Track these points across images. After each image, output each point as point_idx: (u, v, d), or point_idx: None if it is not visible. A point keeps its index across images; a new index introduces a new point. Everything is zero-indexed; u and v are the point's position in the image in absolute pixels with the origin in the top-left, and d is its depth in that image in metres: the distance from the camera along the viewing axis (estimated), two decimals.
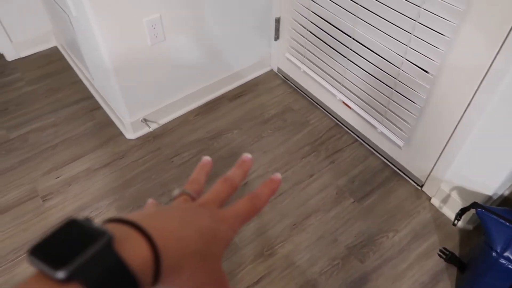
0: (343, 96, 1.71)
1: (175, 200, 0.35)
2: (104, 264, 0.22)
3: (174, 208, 0.31)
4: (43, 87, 2.00)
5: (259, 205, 0.35)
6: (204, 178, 0.39)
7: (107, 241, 0.23)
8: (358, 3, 1.39)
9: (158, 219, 0.28)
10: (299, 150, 1.71)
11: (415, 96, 1.38)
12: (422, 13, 1.21)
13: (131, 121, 1.71)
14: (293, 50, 1.87)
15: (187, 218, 0.29)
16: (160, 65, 1.64)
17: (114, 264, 0.23)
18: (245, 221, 0.34)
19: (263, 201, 0.35)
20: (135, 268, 0.23)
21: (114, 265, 0.23)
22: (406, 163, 1.59)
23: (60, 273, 0.21)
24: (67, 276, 0.21)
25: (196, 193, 0.36)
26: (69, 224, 0.24)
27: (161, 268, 0.25)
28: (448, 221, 1.48)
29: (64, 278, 0.21)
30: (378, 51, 1.42)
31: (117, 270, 0.23)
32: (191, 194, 0.36)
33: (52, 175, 1.62)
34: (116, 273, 0.23)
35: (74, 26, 1.62)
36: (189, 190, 0.36)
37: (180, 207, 0.33)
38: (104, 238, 0.23)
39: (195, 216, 0.30)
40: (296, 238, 1.43)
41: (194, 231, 0.28)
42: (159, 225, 0.26)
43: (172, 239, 0.26)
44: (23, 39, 2.13)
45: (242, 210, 0.34)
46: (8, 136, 1.77)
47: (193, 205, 0.34)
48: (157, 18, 1.49)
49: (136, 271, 0.23)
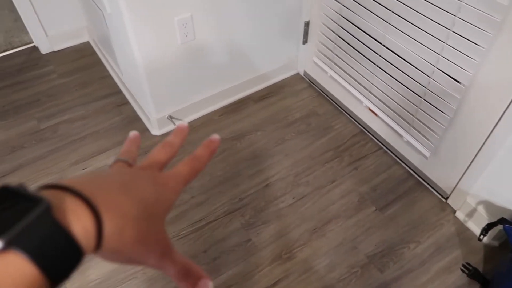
0: (369, 102, 1.69)
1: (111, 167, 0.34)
2: (44, 232, 0.22)
3: (113, 173, 0.31)
4: (74, 80, 2.06)
5: (199, 167, 0.35)
6: (136, 150, 0.38)
7: (46, 208, 0.22)
8: (390, 9, 1.38)
9: (98, 184, 0.27)
10: (322, 155, 1.70)
11: (445, 106, 1.35)
12: (457, 22, 1.18)
13: (157, 118, 1.74)
14: (321, 54, 1.86)
15: (127, 182, 0.29)
16: (189, 64, 1.67)
17: (55, 232, 0.22)
18: (186, 183, 0.34)
19: (203, 162, 0.36)
20: (78, 235, 0.23)
21: (55, 232, 0.22)
22: (432, 174, 1.56)
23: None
24: (4, 245, 0.20)
25: (132, 160, 0.35)
26: (2, 191, 0.22)
27: (103, 234, 0.24)
28: (473, 235, 1.44)
29: (1, 247, 0.20)
30: (408, 58, 1.40)
31: (58, 237, 0.22)
32: (128, 160, 0.35)
33: (79, 166, 1.66)
34: (57, 241, 0.22)
35: (108, 22, 1.66)
36: (124, 157, 0.35)
37: (120, 171, 0.32)
38: (42, 205, 0.22)
39: (136, 180, 0.30)
40: (316, 243, 1.42)
41: (135, 195, 0.28)
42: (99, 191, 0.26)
43: (113, 205, 0.26)
44: (57, 33, 2.19)
45: (182, 172, 0.34)
46: (39, 126, 1.83)
47: (133, 169, 0.33)
48: (188, 17, 1.51)
49: (78, 238, 0.23)
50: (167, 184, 0.32)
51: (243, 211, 1.51)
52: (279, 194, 1.56)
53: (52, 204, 0.23)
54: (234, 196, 1.56)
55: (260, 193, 1.57)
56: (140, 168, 0.34)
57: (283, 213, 1.51)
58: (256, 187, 1.58)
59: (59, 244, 0.22)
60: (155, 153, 0.36)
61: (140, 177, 0.30)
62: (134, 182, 0.29)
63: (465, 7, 1.15)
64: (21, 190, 0.23)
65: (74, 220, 0.23)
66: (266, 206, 1.53)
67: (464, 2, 1.14)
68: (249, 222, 1.48)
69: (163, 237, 0.30)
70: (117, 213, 0.26)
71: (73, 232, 0.23)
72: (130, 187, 0.28)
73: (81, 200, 0.24)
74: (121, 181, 0.29)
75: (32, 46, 2.25)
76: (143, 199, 0.28)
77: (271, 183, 1.60)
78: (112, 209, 0.25)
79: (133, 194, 0.28)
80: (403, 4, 1.32)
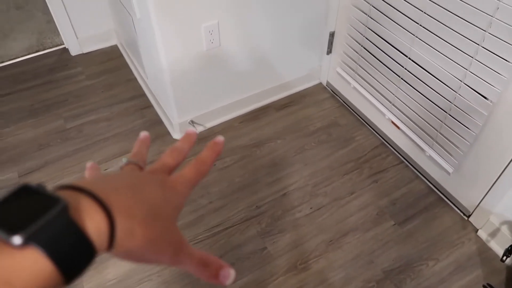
0: (392, 115, 1.67)
1: (122, 169, 0.36)
2: (60, 230, 0.23)
3: (124, 176, 0.32)
4: (101, 82, 2.11)
5: (204, 170, 0.36)
6: (145, 151, 0.40)
7: (63, 208, 0.23)
8: (418, 22, 1.37)
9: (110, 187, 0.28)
10: (342, 166, 1.69)
11: (471, 123, 1.32)
12: (487, 37, 1.16)
13: (179, 122, 1.76)
14: (344, 65, 1.86)
15: (137, 186, 0.30)
16: (213, 70, 1.69)
17: (70, 230, 0.23)
18: (193, 185, 0.35)
19: (208, 165, 0.37)
20: (91, 234, 0.24)
21: (70, 231, 0.23)
22: (454, 191, 1.53)
23: (17, 238, 0.21)
24: (24, 241, 0.21)
25: (142, 162, 0.37)
26: (22, 189, 0.24)
27: (116, 235, 0.26)
28: (495, 256, 1.40)
29: (20, 243, 0.21)
30: (434, 73, 1.38)
31: (73, 236, 0.23)
32: (138, 163, 0.37)
33: (102, 167, 1.69)
34: (72, 239, 0.23)
35: (136, 27, 1.70)
36: (135, 159, 0.37)
37: (131, 174, 0.33)
38: (59, 205, 0.23)
39: (145, 184, 0.31)
40: (332, 254, 1.41)
41: (144, 198, 0.29)
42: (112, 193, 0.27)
43: (124, 207, 0.27)
44: (87, 35, 2.26)
45: (188, 176, 0.35)
46: (65, 125, 1.88)
47: (143, 173, 0.35)
48: (215, 24, 1.53)
49: (92, 237, 0.24)
50: (175, 188, 0.33)
51: (260, 218, 1.51)
52: (296, 203, 1.56)
53: (69, 204, 0.24)
54: (252, 203, 1.56)
55: (278, 201, 1.56)
56: (149, 171, 0.35)
57: (300, 222, 1.50)
58: (274, 195, 1.58)
59: (74, 242, 0.23)
60: (165, 157, 0.37)
61: (149, 181, 0.32)
62: (144, 185, 0.31)
63: (496, 22, 1.13)
64: (40, 189, 0.24)
65: (88, 220, 0.24)
66: (283, 214, 1.52)
67: (496, 17, 1.12)
68: (266, 230, 1.47)
69: (174, 236, 0.31)
70: (128, 215, 0.27)
71: (87, 231, 0.24)
72: (139, 191, 0.30)
73: (95, 202, 0.25)
74: (132, 184, 0.30)
75: (63, 47, 2.32)
76: (152, 202, 0.30)
77: (289, 192, 1.59)
78: (123, 211, 0.27)
79: (142, 197, 0.29)
80: (431, 18, 1.31)
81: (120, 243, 0.26)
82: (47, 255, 0.22)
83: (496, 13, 1.12)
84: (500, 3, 1.10)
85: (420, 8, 1.34)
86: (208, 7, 1.48)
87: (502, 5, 1.09)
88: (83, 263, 0.24)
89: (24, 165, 1.71)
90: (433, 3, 1.28)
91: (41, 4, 2.16)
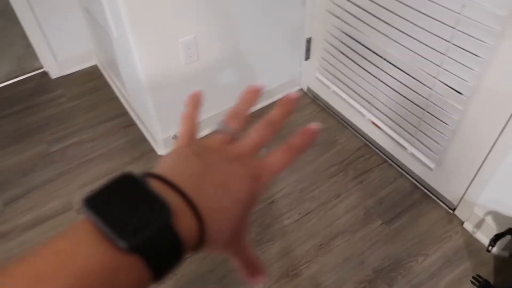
0: (372, 116, 1.70)
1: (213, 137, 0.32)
2: (164, 240, 0.23)
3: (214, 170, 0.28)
4: (83, 103, 2.11)
5: (293, 159, 0.31)
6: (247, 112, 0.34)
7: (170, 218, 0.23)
8: (391, 24, 1.40)
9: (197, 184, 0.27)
10: (327, 169, 1.70)
11: (447, 118, 1.35)
12: (456, 34, 1.20)
13: (163, 138, 1.77)
14: (323, 70, 1.88)
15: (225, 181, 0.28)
16: (193, 83, 1.70)
17: (172, 240, 0.23)
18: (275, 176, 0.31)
19: (298, 153, 0.32)
20: (184, 239, 0.24)
21: (171, 240, 0.23)
22: (437, 186, 1.55)
23: (124, 243, 0.21)
24: (129, 248, 0.21)
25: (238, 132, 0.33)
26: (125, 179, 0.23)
27: (205, 236, 0.25)
28: (482, 247, 1.42)
29: (125, 249, 0.21)
30: (409, 71, 1.41)
31: (170, 240, 0.23)
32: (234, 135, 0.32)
33: (87, 189, 1.68)
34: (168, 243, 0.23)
35: (114, 45, 1.71)
36: (231, 128, 0.33)
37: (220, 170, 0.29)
38: (166, 213, 0.23)
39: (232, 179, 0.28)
40: (322, 258, 1.41)
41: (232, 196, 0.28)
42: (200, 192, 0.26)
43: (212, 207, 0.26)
44: (66, 57, 2.26)
45: (276, 165, 0.31)
46: (48, 150, 1.87)
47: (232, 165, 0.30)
48: (192, 38, 1.55)
49: (183, 239, 0.24)
50: (261, 179, 0.30)
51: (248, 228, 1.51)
52: (284, 210, 1.56)
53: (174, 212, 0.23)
54: None
55: (266, 209, 1.57)
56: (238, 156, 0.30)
57: (289, 229, 1.50)
58: (261, 204, 1.59)
59: (170, 245, 0.23)
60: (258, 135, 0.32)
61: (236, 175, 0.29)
62: (231, 181, 0.28)
63: (463, 19, 1.16)
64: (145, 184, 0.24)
65: (182, 226, 0.24)
66: (272, 222, 1.53)
67: (463, 14, 1.15)
68: (255, 240, 1.48)
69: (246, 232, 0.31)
70: (216, 215, 0.26)
71: (180, 234, 0.24)
72: (227, 188, 0.28)
73: (188, 206, 0.25)
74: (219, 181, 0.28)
75: (43, 71, 2.32)
76: (239, 200, 0.28)
77: (276, 199, 1.60)
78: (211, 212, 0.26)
79: (230, 195, 0.28)
80: (402, 18, 1.34)
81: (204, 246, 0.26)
82: (147, 264, 0.22)
83: (462, 10, 1.15)
84: (465, 1, 1.13)
85: (390, 9, 1.37)
86: (184, 22, 1.49)
87: (467, 2, 1.13)
88: (173, 266, 0.24)
89: (9, 193, 1.69)
90: (402, 4, 1.32)
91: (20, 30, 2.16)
